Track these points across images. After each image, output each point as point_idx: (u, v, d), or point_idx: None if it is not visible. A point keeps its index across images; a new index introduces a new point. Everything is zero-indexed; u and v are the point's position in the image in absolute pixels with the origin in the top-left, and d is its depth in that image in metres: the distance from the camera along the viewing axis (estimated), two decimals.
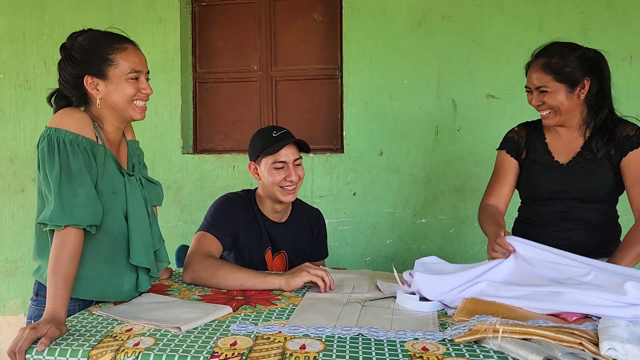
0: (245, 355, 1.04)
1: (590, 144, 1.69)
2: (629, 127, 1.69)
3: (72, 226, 1.26)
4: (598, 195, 1.70)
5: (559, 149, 1.76)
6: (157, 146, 3.11)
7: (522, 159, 1.81)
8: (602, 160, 1.68)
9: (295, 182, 1.80)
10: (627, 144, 1.65)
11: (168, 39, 3.08)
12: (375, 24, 2.87)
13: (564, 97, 1.65)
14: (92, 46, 1.38)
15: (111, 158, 1.41)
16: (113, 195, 1.38)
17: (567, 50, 1.67)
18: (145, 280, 1.46)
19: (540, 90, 1.66)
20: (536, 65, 1.68)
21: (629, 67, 2.65)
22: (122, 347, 1.08)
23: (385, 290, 1.53)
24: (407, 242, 2.89)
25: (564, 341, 1.03)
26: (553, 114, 1.69)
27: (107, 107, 1.40)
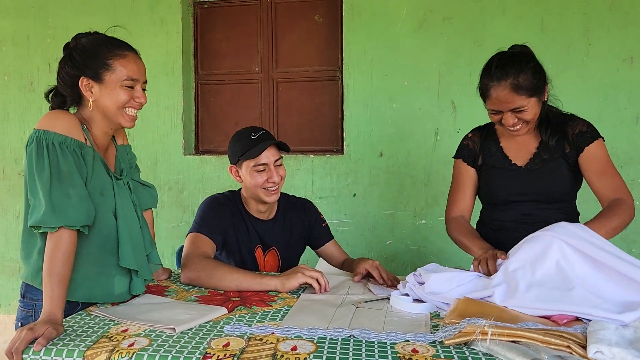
0: (237, 356, 1.05)
1: (546, 144, 1.68)
2: (581, 124, 1.67)
3: (66, 227, 1.27)
4: (558, 195, 1.69)
5: (514, 151, 1.73)
6: (159, 147, 3.14)
7: (479, 165, 1.78)
8: (559, 160, 1.67)
9: (278, 183, 1.81)
10: (581, 140, 1.64)
11: (170, 41, 3.11)
12: (375, 25, 2.88)
13: (536, 107, 1.61)
14: (93, 49, 1.39)
15: (99, 160, 1.42)
16: (101, 197, 1.38)
17: (525, 64, 1.58)
18: (140, 283, 1.46)
19: (516, 110, 1.58)
20: (503, 88, 1.56)
21: (630, 69, 2.65)
22: (116, 348, 1.10)
23: (378, 294, 1.54)
24: (407, 243, 2.90)
25: (552, 344, 1.04)
26: (525, 126, 1.64)
27: (99, 110, 1.41)
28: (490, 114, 1.65)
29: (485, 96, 1.62)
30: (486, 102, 1.64)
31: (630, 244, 2.69)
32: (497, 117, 1.63)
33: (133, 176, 1.63)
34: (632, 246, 2.69)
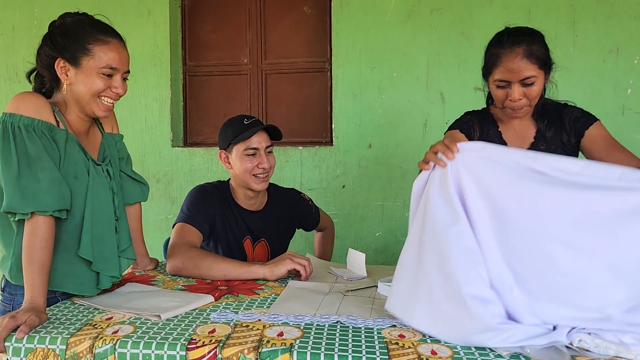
0: (223, 342, 1.05)
1: (543, 134, 1.64)
2: (575, 110, 1.65)
3: (39, 213, 1.22)
4: None
5: (512, 138, 1.68)
6: (147, 139, 3.11)
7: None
8: (556, 151, 1.62)
9: (267, 169, 1.80)
10: (578, 124, 1.61)
11: (158, 32, 3.08)
12: (364, 16, 2.87)
13: (541, 86, 1.55)
14: (75, 31, 1.33)
15: (75, 142, 1.36)
16: (75, 181, 1.33)
17: (536, 36, 1.53)
18: (104, 277, 1.38)
19: (525, 82, 1.51)
20: (516, 55, 1.49)
21: (616, 60, 2.67)
22: (100, 335, 1.09)
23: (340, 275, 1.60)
24: (396, 235, 2.91)
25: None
26: (528, 107, 1.57)
27: (72, 95, 1.36)
28: (495, 90, 1.56)
29: (495, 65, 1.52)
30: (494, 73, 1.53)
31: None
32: (502, 92, 1.54)
33: (123, 168, 1.58)
34: None
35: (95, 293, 1.38)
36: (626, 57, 2.66)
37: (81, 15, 1.39)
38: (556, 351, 0.97)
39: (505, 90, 1.54)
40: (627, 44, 2.65)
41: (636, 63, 2.65)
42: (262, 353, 1.01)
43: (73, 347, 1.07)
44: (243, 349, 1.02)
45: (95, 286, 1.38)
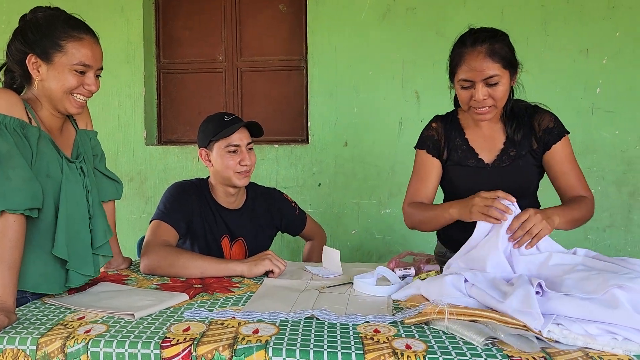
0: (198, 340, 1.04)
1: (512, 138, 1.61)
2: (547, 118, 1.62)
3: (9, 212, 1.19)
4: (524, 191, 1.63)
5: (481, 144, 1.65)
6: (120, 137, 3.07)
7: (444, 159, 1.68)
8: (526, 156, 1.61)
9: (249, 166, 1.79)
10: (549, 137, 1.59)
11: (131, 29, 3.04)
12: (340, 15, 2.88)
13: (507, 86, 1.52)
14: (47, 26, 1.31)
15: (48, 140, 1.34)
16: (47, 179, 1.30)
17: (499, 36, 1.51)
18: (75, 275, 1.35)
19: (488, 82, 1.49)
20: (478, 53, 1.48)
21: (585, 60, 2.73)
22: (72, 335, 1.07)
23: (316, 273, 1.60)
24: (372, 233, 2.92)
25: (508, 323, 1.06)
26: (494, 109, 1.54)
27: (44, 92, 1.33)
28: (460, 90, 1.55)
29: (458, 65, 1.52)
30: (458, 73, 1.53)
31: (587, 231, 2.78)
32: (467, 92, 1.52)
33: (97, 166, 1.55)
34: (589, 233, 2.78)
35: (62, 291, 1.35)
36: (595, 57, 2.72)
37: (53, 9, 1.36)
38: (527, 341, 0.98)
39: (470, 91, 1.52)
40: (596, 44, 2.72)
41: (605, 63, 2.72)
42: (237, 350, 1.00)
43: (44, 347, 1.05)
44: (218, 347, 1.01)
45: (64, 284, 1.35)
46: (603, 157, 2.76)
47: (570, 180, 1.60)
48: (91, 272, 1.39)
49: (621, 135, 2.74)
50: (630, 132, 2.73)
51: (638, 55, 2.69)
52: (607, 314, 1.02)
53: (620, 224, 2.77)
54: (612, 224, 2.77)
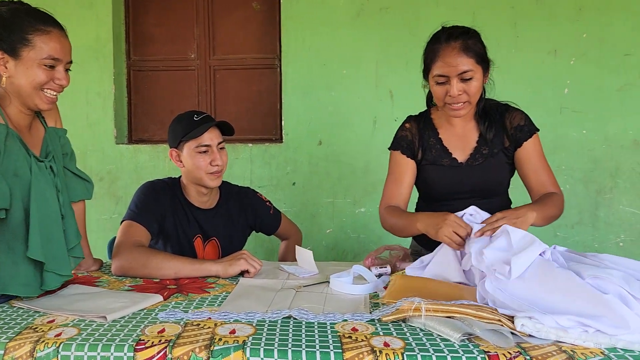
0: (173, 341, 1.02)
1: (484, 137, 1.63)
2: (518, 116, 1.65)
3: None
4: (497, 189, 1.68)
5: (454, 142, 1.67)
6: (89, 136, 3.00)
7: (419, 159, 1.69)
8: (499, 154, 1.64)
9: (221, 167, 1.77)
10: (520, 134, 1.62)
11: (100, 25, 2.97)
12: (313, 13, 2.88)
13: (480, 82, 1.55)
14: (13, 20, 1.26)
15: (16, 138, 1.29)
16: (15, 178, 1.26)
17: (472, 33, 1.55)
18: (52, 277, 1.31)
19: (463, 77, 1.51)
20: (452, 48, 1.50)
21: (554, 61, 2.79)
22: (42, 338, 1.03)
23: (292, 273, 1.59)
24: (347, 232, 2.93)
25: (484, 318, 1.07)
26: (468, 105, 1.56)
27: (12, 88, 1.29)
28: (435, 87, 1.56)
29: (433, 61, 1.54)
30: (432, 69, 1.54)
31: (556, 228, 2.84)
32: (442, 88, 1.54)
33: (67, 165, 1.51)
34: (558, 230, 2.84)
35: (38, 294, 1.31)
36: (563, 58, 2.79)
37: (17, 3, 1.32)
38: (502, 336, 1.00)
39: (445, 87, 1.53)
40: (564, 45, 2.78)
41: (572, 64, 2.78)
42: (214, 351, 0.99)
43: (12, 352, 1.01)
44: (194, 348, 1.00)
45: (39, 287, 1.30)
46: (571, 155, 2.82)
47: (541, 177, 1.63)
48: (69, 272, 1.35)
49: (588, 135, 2.81)
50: (596, 131, 2.80)
51: (604, 56, 2.76)
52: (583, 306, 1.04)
53: (587, 221, 2.84)
54: (580, 221, 2.84)
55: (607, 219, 2.82)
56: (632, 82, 2.75)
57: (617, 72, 2.76)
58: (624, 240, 2.82)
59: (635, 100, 2.76)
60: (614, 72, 2.76)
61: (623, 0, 2.73)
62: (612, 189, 2.81)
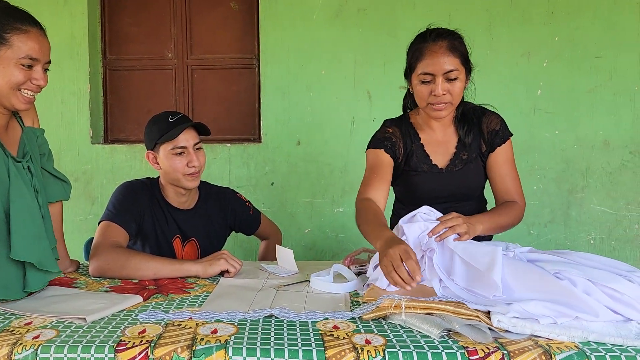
0: (154, 342, 1.02)
1: (463, 141, 1.65)
2: (494, 120, 1.66)
3: None
4: (474, 192, 1.71)
5: (434, 148, 1.67)
6: (64, 135, 2.95)
7: (401, 163, 1.67)
8: (477, 160, 1.66)
9: (198, 168, 1.75)
10: (495, 139, 1.64)
11: (75, 23, 2.93)
12: (292, 14, 2.88)
13: (463, 84, 1.56)
14: None
15: None
16: None
17: (456, 34, 1.56)
18: (37, 277, 1.29)
19: (448, 76, 1.50)
20: (439, 47, 1.50)
21: (527, 63, 2.85)
22: (19, 341, 1.02)
23: (272, 272, 1.60)
24: (326, 231, 2.94)
25: (462, 314, 1.10)
26: (450, 106, 1.56)
27: None
28: (419, 86, 1.54)
29: (419, 59, 1.53)
30: (417, 68, 1.53)
31: (530, 226, 2.90)
32: (427, 87, 1.53)
33: (45, 165, 1.48)
34: (531, 228, 2.91)
35: (21, 296, 1.29)
36: (537, 60, 2.85)
37: None
38: (480, 332, 1.02)
39: (430, 86, 1.53)
40: (537, 47, 2.84)
41: (545, 66, 2.85)
42: (196, 351, 0.99)
43: None
44: (176, 348, 1.00)
45: (22, 289, 1.28)
46: (544, 156, 2.89)
47: (506, 183, 1.64)
48: (57, 269, 1.34)
49: (560, 135, 2.88)
50: (568, 132, 2.87)
51: (576, 58, 2.83)
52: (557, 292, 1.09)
53: (560, 219, 2.91)
54: (553, 219, 2.91)
55: (578, 217, 2.90)
56: (602, 84, 2.83)
57: (587, 74, 2.83)
58: (594, 238, 2.90)
59: (605, 102, 2.84)
60: (585, 74, 2.84)
61: (593, 5, 2.81)
62: (584, 188, 2.88)
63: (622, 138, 2.85)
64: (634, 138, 2.84)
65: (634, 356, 0.95)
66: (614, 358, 0.95)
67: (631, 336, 1.02)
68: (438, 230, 1.34)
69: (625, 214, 2.87)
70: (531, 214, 2.88)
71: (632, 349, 0.98)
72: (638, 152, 2.85)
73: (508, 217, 1.57)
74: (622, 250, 2.88)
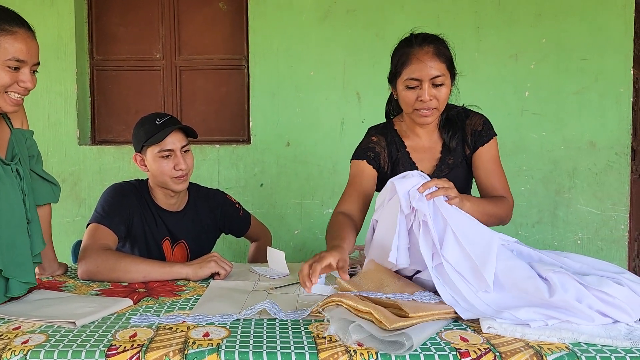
0: (146, 346, 1.01)
1: (448, 146, 1.63)
2: (477, 121, 1.65)
3: None
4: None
5: (420, 155, 1.65)
6: (51, 136, 2.92)
7: (387, 172, 1.65)
8: (462, 163, 1.65)
9: (185, 170, 1.74)
10: (478, 139, 1.62)
11: (62, 23, 2.90)
12: (281, 15, 2.88)
13: (449, 89, 1.55)
14: None
15: None
16: None
17: (441, 40, 1.55)
18: (15, 285, 1.27)
19: (435, 82, 1.50)
20: (426, 52, 1.49)
21: (515, 64, 2.88)
22: (8, 346, 1.01)
23: (263, 274, 1.59)
24: (315, 232, 2.94)
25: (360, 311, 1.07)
26: (436, 112, 1.55)
27: None
28: (405, 92, 1.53)
29: (405, 64, 1.51)
30: (403, 73, 1.52)
31: (518, 227, 2.93)
32: (412, 93, 1.52)
33: (34, 167, 1.46)
34: (519, 229, 2.93)
35: (2, 301, 1.27)
36: (524, 61, 2.88)
37: None
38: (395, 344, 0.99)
39: (416, 92, 1.51)
40: (525, 49, 2.87)
41: (533, 68, 2.87)
42: (188, 355, 0.98)
43: None
44: (168, 352, 0.99)
45: (4, 294, 1.26)
46: (531, 157, 2.91)
47: (492, 181, 1.62)
48: (32, 279, 1.31)
49: (548, 137, 2.90)
50: (555, 133, 2.90)
51: (562, 60, 2.86)
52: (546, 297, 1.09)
53: (547, 220, 2.94)
54: (540, 220, 2.94)
55: (565, 217, 2.93)
56: (588, 85, 2.87)
57: (574, 76, 2.87)
58: (581, 238, 2.93)
59: (591, 103, 2.87)
60: (572, 76, 2.87)
61: (580, 8, 2.84)
62: (570, 189, 2.92)
63: (608, 139, 2.89)
64: (620, 139, 2.88)
65: (624, 356, 0.96)
66: (604, 358, 0.96)
67: (620, 337, 1.03)
68: (429, 186, 1.29)
69: (611, 214, 2.91)
70: (519, 214, 2.91)
71: (621, 349, 0.99)
72: (624, 153, 2.89)
73: (496, 206, 1.53)
74: (608, 250, 2.91)
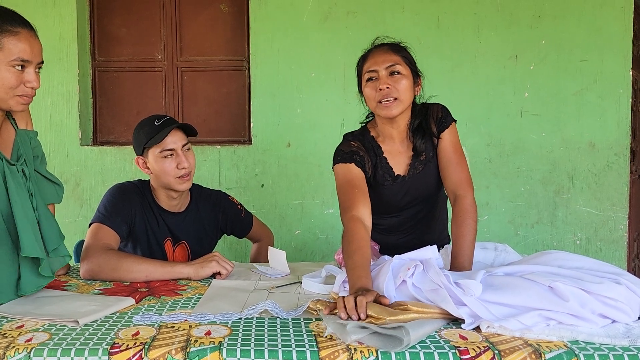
0: (148, 344, 1.02)
1: (416, 146, 1.63)
2: (436, 109, 1.66)
3: None
4: (438, 190, 1.72)
5: (395, 157, 1.66)
6: (53, 137, 2.93)
7: (370, 178, 1.64)
8: (434, 157, 1.66)
9: (188, 169, 1.75)
10: (439, 126, 1.64)
11: (64, 24, 2.91)
12: (282, 16, 2.89)
13: (410, 84, 1.56)
14: None
15: None
16: None
17: (400, 44, 1.63)
18: (30, 281, 1.30)
19: (391, 71, 1.53)
20: (381, 48, 1.59)
21: (515, 65, 2.89)
22: (12, 344, 1.02)
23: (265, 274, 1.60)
24: (315, 233, 2.95)
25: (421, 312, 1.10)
26: (399, 102, 1.54)
27: None
28: (367, 88, 1.57)
29: (363, 63, 1.60)
30: (363, 71, 1.59)
31: (517, 227, 2.94)
32: (373, 85, 1.55)
33: (38, 168, 1.47)
34: (518, 229, 2.94)
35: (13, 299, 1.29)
36: (524, 63, 2.89)
37: None
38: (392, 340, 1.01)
39: (375, 84, 1.55)
40: (524, 51, 2.88)
41: (532, 69, 2.89)
42: (190, 353, 0.99)
43: None
44: (170, 350, 1.00)
45: (15, 293, 1.28)
46: (531, 157, 2.92)
47: (454, 173, 1.61)
48: (50, 273, 1.34)
49: (547, 137, 2.91)
50: (555, 134, 2.91)
51: (562, 61, 2.87)
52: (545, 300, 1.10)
53: (546, 220, 2.95)
54: (540, 220, 2.95)
55: (564, 218, 2.94)
56: (587, 86, 2.88)
57: (573, 77, 2.88)
58: (580, 239, 2.94)
59: (590, 104, 2.88)
60: (571, 77, 2.88)
61: (579, 9, 2.85)
62: (570, 189, 2.93)
63: (607, 140, 2.90)
64: (619, 140, 2.89)
65: (622, 355, 0.97)
66: (602, 357, 0.97)
67: (619, 335, 1.04)
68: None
69: (610, 214, 2.92)
70: (518, 214, 2.92)
71: (619, 347, 1.00)
72: (623, 153, 2.90)
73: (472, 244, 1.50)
74: (607, 250, 2.92)
